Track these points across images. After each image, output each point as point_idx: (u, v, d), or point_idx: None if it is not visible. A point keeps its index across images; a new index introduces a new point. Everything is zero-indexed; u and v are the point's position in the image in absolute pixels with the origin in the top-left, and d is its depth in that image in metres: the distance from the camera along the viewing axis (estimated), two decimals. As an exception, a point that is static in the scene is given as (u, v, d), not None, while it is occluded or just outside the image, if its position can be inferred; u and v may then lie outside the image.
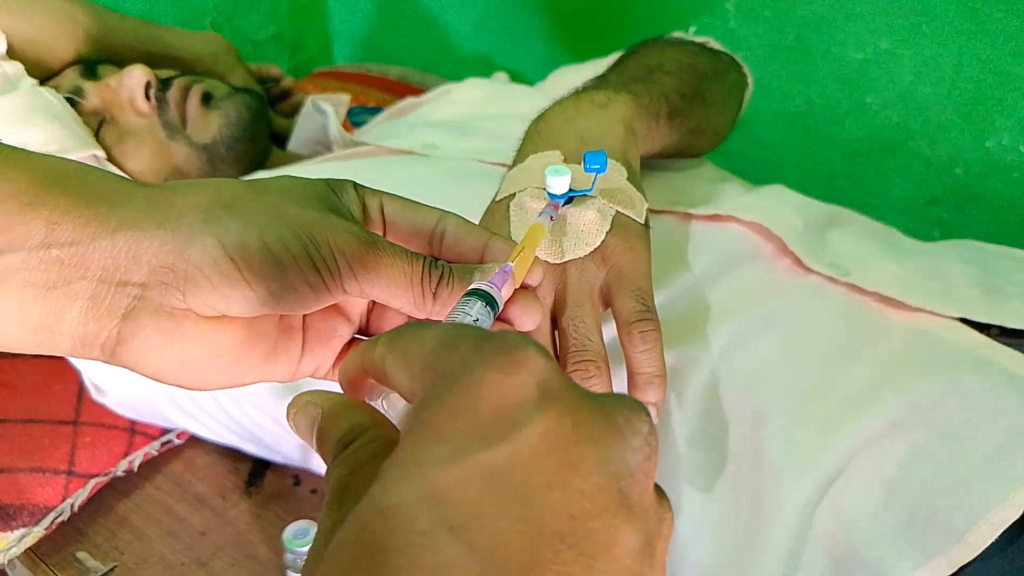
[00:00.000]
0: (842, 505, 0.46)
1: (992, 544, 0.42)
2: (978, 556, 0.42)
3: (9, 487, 0.65)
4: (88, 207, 0.27)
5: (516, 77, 1.15)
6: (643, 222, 0.47)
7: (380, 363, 0.22)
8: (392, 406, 0.24)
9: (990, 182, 0.91)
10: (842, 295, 0.54)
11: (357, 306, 0.35)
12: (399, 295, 0.30)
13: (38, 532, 0.65)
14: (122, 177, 0.30)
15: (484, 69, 1.28)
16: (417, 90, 1.17)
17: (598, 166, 0.42)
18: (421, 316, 0.32)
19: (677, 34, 0.76)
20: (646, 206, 0.48)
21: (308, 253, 0.29)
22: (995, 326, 0.52)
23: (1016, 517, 0.42)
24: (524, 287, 0.33)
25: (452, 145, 0.73)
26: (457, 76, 1.11)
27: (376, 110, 1.08)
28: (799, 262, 0.55)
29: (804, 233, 0.58)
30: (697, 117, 0.64)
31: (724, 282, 0.54)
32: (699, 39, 0.75)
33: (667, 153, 0.64)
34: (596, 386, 0.43)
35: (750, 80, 0.78)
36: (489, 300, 0.29)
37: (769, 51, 1.01)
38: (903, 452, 0.46)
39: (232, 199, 0.29)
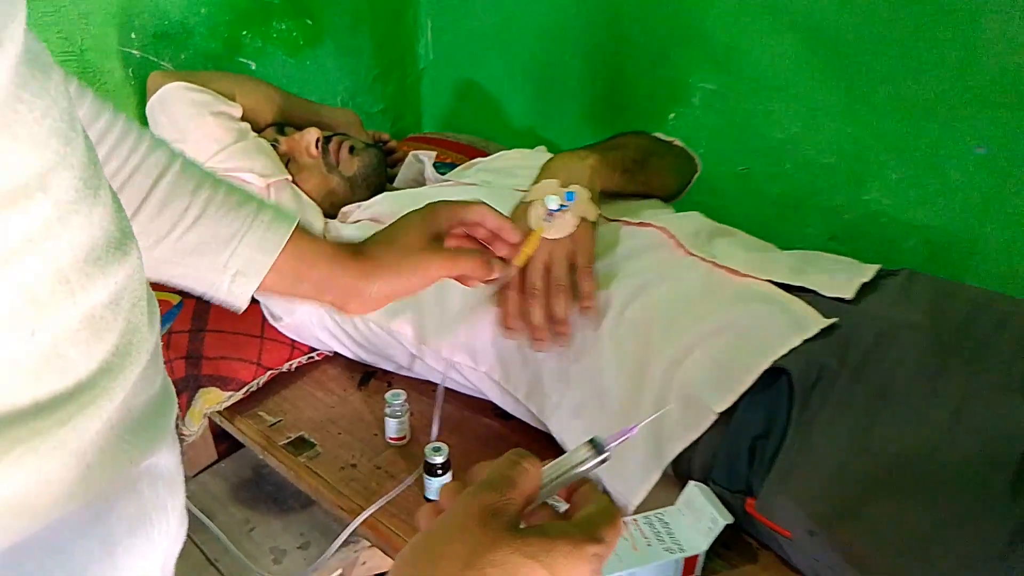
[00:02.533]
0: (688, 370, 0.84)
1: (757, 383, 0.80)
2: (749, 389, 0.80)
3: (226, 367, 1.08)
4: (323, 259, 0.64)
5: (552, 146, 1.57)
6: (594, 221, 0.89)
7: None
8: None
9: (867, 224, 1.26)
10: (707, 268, 0.93)
11: None
12: (470, 274, 0.69)
13: (238, 395, 1.08)
14: (338, 245, 0.65)
15: (530, 138, 1.69)
16: (482, 152, 1.56)
17: (570, 198, 0.87)
18: (486, 279, 0.69)
19: (657, 135, 1.18)
20: (599, 214, 0.90)
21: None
22: (793, 286, 0.90)
23: (767, 366, 0.80)
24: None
25: (499, 181, 1.16)
26: (511, 143, 1.52)
27: (452, 166, 1.48)
28: (686, 250, 0.96)
29: (694, 236, 0.98)
30: (644, 177, 1.06)
31: (642, 258, 0.95)
32: (663, 137, 1.16)
33: (629, 193, 1.06)
34: (562, 294, 0.85)
35: (698, 162, 1.19)
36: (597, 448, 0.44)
37: (723, 131, 1.38)
38: (722, 343, 0.85)
39: (380, 257, 0.66)
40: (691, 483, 0.85)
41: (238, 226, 0.58)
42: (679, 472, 0.89)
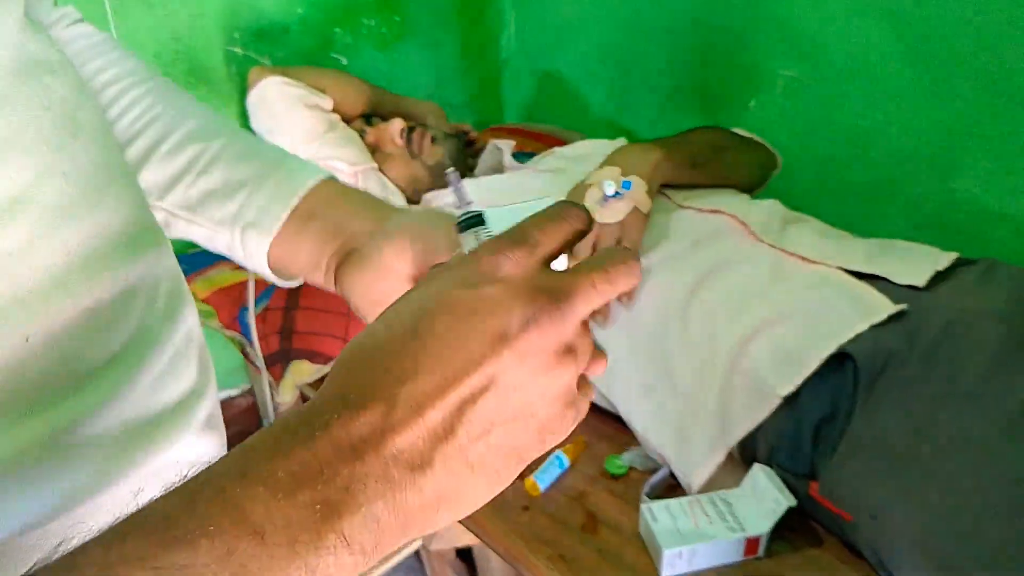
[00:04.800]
0: (754, 353, 0.86)
1: (822, 367, 0.81)
2: (815, 373, 0.81)
3: (316, 342, 1.16)
4: (349, 199, 0.50)
5: (632, 136, 1.58)
6: (646, 212, 0.92)
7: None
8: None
9: (954, 213, 1.22)
10: (776, 254, 0.94)
11: None
12: None
13: (326, 369, 1.16)
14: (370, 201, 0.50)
15: (610, 128, 1.70)
16: (560, 142, 1.57)
17: (627, 186, 0.90)
18: None
19: (736, 130, 1.18)
20: (650, 205, 0.93)
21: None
22: (864, 273, 0.90)
23: (832, 351, 0.80)
24: None
25: (575, 168, 1.19)
26: (591, 133, 1.55)
27: (531, 155, 1.52)
28: (756, 237, 0.96)
29: (765, 223, 0.99)
30: (714, 171, 1.08)
31: (712, 244, 0.97)
32: (742, 132, 1.17)
33: (703, 184, 1.08)
34: None
35: (779, 158, 1.19)
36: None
37: (804, 118, 1.36)
38: (788, 327, 0.86)
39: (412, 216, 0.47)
40: (756, 465, 0.87)
41: (255, 172, 0.48)
42: (745, 455, 0.90)
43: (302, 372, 1.14)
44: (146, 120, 0.50)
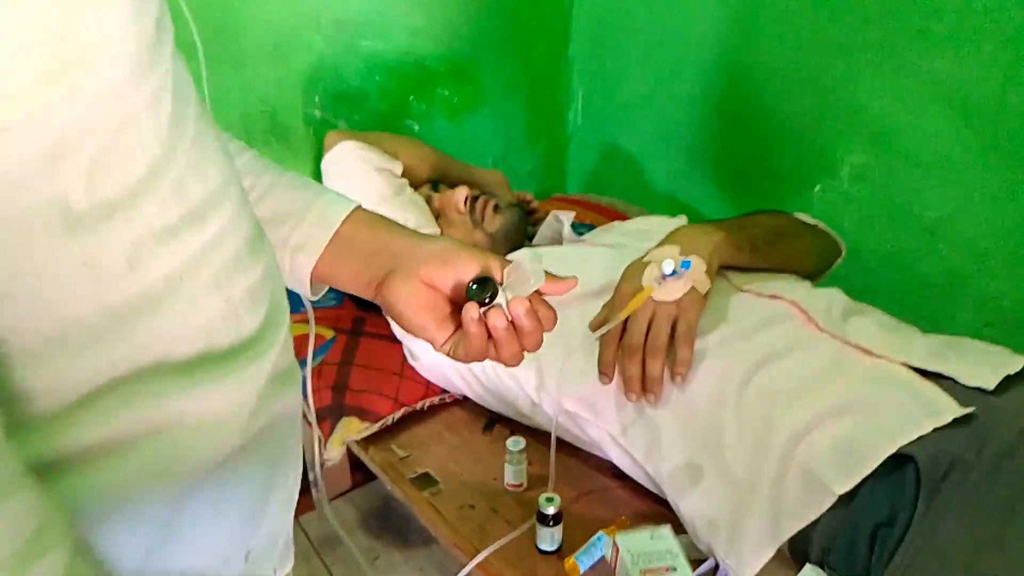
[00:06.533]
0: (810, 446, 0.83)
1: (882, 467, 0.78)
2: (873, 473, 0.78)
3: (367, 400, 1.18)
4: (381, 225, 0.60)
5: (694, 212, 1.58)
6: (704, 293, 0.92)
7: None
8: None
9: None
10: (838, 345, 0.91)
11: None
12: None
13: (374, 428, 1.17)
14: (407, 230, 0.61)
15: (672, 204, 1.71)
16: (621, 216, 1.59)
17: (686, 266, 0.89)
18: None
19: (800, 215, 1.17)
20: (709, 285, 0.92)
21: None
22: (930, 371, 0.87)
23: (892, 451, 0.77)
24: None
25: (634, 244, 1.20)
26: (653, 207, 1.56)
27: (591, 227, 1.54)
28: (817, 326, 0.94)
29: (826, 312, 0.96)
30: (775, 256, 1.06)
31: (770, 330, 0.95)
32: (806, 218, 1.16)
33: (763, 269, 1.06)
34: (658, 354, 0.87)
35: (843, 246, 1.17)
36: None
37: (871, 206, 1.34)
38: (847, 422, 0.82)
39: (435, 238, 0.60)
40: (808, 566, 0.83)
41: (300, 205, 0.59)
42: (796, 552, 0.86)
43: (351, 429, 1.15)
44: None
